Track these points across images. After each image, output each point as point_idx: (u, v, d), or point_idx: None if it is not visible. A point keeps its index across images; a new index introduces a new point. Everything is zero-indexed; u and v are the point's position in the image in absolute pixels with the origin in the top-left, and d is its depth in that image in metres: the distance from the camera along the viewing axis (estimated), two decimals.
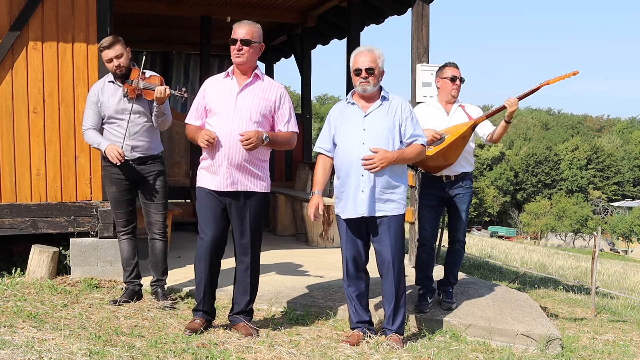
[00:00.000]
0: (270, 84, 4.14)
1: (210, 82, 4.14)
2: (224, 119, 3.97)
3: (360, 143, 3.96)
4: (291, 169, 10.03)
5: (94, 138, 4.75)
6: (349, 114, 4.07)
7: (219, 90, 4.05)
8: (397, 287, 4.02)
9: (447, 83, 4.74)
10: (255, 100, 4.03)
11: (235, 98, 4.00)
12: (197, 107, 4.12)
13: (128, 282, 4.90)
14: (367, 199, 3.95)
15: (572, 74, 4.45)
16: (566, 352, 4.23)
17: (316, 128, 67.77)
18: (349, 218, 4.02)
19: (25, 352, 3.35)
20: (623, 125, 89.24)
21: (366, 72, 3.97)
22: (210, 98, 4.05)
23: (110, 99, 4.69)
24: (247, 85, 4.04)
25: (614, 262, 22.73)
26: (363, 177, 3.95)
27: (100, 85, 4.78)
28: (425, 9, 6.36)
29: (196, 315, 4.13)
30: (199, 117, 4.10)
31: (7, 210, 5.32)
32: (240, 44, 3.97)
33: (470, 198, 4.82)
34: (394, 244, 4.00)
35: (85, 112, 4.80)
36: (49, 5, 5.34)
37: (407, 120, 4.04)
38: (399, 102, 4.08)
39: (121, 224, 4.89)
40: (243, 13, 9.08)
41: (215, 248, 4.07)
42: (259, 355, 3.62)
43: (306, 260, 6.49)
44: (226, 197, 4.02)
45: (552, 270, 11.97)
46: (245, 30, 4.00)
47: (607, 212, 59.37)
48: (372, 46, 4.08)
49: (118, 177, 4.78)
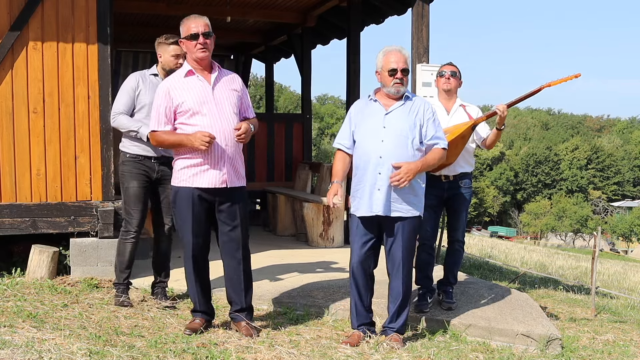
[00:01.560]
0: (230, 75, 4.13)
1: (172, 84, 3.97)
2: (210, 117, 3.90)
3: (379, 140, 3.94)
4: (291, 169, 10.03)
5: (130, 122, 4.64)
6: (370, 111, 4.05)
7: (189, 89, 3.93)
8: (405, 287, 4.01)
9: (438, 79, 4.80)
10: (228, 92, 4.01)
11: (212, 95, 3.94)
12: (164, 111, 3.94)
13: (124, 283, 4.81)
14: (383, 197, 3.92)
15: (574, 76, 4.45)
16: (566, 352, 4.23)
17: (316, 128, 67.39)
18: (363, 216, 4.00)
19: (25, 352, 3.34)
20: (623, 125, 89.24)
21: (402, 72, 3.95)
22: (181, 99, 3.91)
23: (150, 91, 4.65)
24: (217, 80, 3.99)
25: (614, 262, 22.73)
26: (380, 175, 3.93)
27: (141, 75, 4.76)
28: (425, 9, 6.36)
29: (195, 316, 4.13)
30: (169, 121, 3.95)
31: (7, 210, 5.33)
32: (203, 38, 3.92)
33: (469, 198, 4.83)
34: (407, 245, 3.99)
35: (120, 97, 4.69)
36: (49, 5, 5.34)
37: (429, 121, 4.02)
38: (422, 102, 4.07)
39: (135, 223, 4.71)
40: (243, 13, 9.10)
41: (202, 249, 4.04)
42: (259, 355, 3.62)
43: (306, 260, 6.49)
44: (216, 194, 3.96)
45: (552, 270, 11.97)
46: (203, 22, 3.96)
47: (607, 212, 59.36)
48: (400, 46, 4.04)
49: (141, 172, 4.69)
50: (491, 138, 4.71)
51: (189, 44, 3.95)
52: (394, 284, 4.04)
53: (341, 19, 9.31)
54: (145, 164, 4.70)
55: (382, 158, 3.92)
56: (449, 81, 4.73)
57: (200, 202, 3.95)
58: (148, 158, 4.70)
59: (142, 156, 4.70)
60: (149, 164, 4.71)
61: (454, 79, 4.74)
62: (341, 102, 73.79)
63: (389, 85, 3.99)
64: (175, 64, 4.66)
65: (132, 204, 4.71)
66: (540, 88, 4.49)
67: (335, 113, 71.51)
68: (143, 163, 4.69)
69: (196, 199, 3.94)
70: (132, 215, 4.72)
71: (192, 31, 3.92)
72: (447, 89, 4.74)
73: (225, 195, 3.98)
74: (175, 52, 4.66)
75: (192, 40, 3.93)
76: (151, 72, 4.78)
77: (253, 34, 10.96)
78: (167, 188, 4.76)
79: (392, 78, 3.96)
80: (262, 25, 10.27)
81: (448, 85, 4.74)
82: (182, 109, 3.92)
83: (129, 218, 4.74)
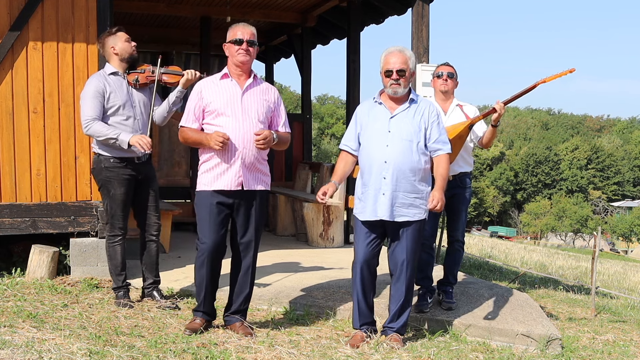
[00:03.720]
0: (267, 86, 4.21)
1: (205, 84, 4.09)
2: (234, 119, 3.97)
3: (384, 145, 3.94)
4: (291, 169, 10.03)
5: (107, 130, 4.49)
6: (376, 114, 4.04)
7: (220, 91, 4.04)
8: (407, 288, 4.02)
9: (435, 80, 4.79)
10: (259, 101, 4.08)
11: (241, 99, 4.02)
12: (193, 109, 4.05)
13: (123, 285, 4.77)
14: (388, 202, 3.92)
15: (568, 71, 4.44)
16: (566, 352, 4.23)
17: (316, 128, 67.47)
18: (367, 220, 4.00)
19: (25, 352, 3.34)
20: (623, 125, 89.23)
21: (397, 73, 3.93)
22: (210, 99, 4.02)
23: (118, 90, 4.60)
24: (250, 87, 4.08)
25: (614, 262, 22.73)
26: (385, 180, 3.93)
27: (101, 77, 4.63)
28: (425, 9, 6.37)
29: (196, 316, 4.12)
30: (197, 119, 4.05)
31: (7, 210, 5.32)
32: (247, 45, 4.01)
33: (469, 198, 4.83)
34: (411, 247, 3.99)
35: (87, 102, 4.52)
36: (49, 5, 5.34)
37: (433, 124, 4.02)
38: (427, 105, 4.06)
39: (120, 226, 4.70)
40: (243, 13, 9.09)
41: (217, 253, 4.05)
42: (259, 355, 3.63)
43: (306, 260, 6.49)
44: (234, 197, 4.01)
45: (552, 270, 11.96)
46: (250, 31, 4.05)
47: (607, 212, 59.35)
48: (403, 47, 4.03)
49: (128, 176, 4.63)
50: (487, 136, 4.70)
51: (232, 47, 4.03)
52: (396, 285, 4.04)
53: (341, 19, 9.31)
54: (130, 167, 4.64)
55: (387, 163, 3.92)
56: (447, 82, 4.73)
57: (218, 205, 4.00)
58: (131, 160, 4.64)
59: (126, 159, 4.62)
60: (133, 166, 4.66)
61: (451, 80, 4.74)
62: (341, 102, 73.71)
63: (387, 86, 4.00)
64: (131, 48, 4.67)
65: (119, 209, 4.67)
66: (535, 85, 4.48)
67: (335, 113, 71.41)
68: (127, 167, 4.63)
69: (214, 201, 3.99)
70: (118, 219, 4.69)
71: (237, 36, 4.01)
72: (445, 90, 4.74)
73: (242, 198, 4.03)
74: (125, 37, 4.68)
75: (235, 44, 4.00)
76: (109, 72, 4.66)
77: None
78: (151, 186, 4.77)
79: (389, 79, 3.97)
80: (262, 25, 10.26)
81: (445, 86, 4.73)
82: (209, 109, 4.01)
83: (114, 222, 4.69)
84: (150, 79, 4.67)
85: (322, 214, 7.54)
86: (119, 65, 4.70)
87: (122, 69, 4.70)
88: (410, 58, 4.01)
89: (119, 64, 4.70)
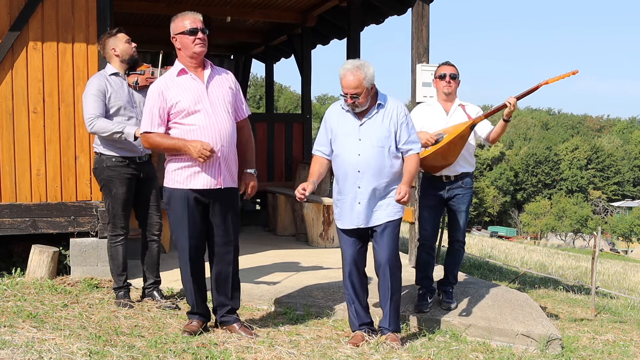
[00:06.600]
0: (222, 71, 4.07)
1: (164, 84, 3.88)
2: (205, 116, 3.83)
3: (356, 154, 3.94)
4: (291, 169, 10.03)
5: (111, 125, 4.47)
6: (345, 121, 4.02)
7: (183, 89, 3.85)
8: (392, 286, 4.01)
9: (438, 81, 4.76)
10: (224, 91, 3.96)
11: (207, 94, 3.88)
12: (158, 112, 3.83)
13: (124, 285, 4.78)
14: (363, 210, 3.96)
15: (571, 73, 4.44)
16: (566, 352, 4.23)
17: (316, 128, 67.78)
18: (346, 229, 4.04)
19: (25, 352, 3.34)
20: (623, 125, 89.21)
21: (351, 98, 3.88)
22: (176, 99, 3.81)
23: (119, 91, 4.61)
24: (210, 78, 3.93)
25: (614, 262, 22.71)
26: (360, 190, 3.95)
27: (102, 77, 4.62)
28: (425, 9, 6.35)
29: (192, 318, 4.10)
30: (162, 123, 3.84)
31: (7, 210, 5.33)
32: (202, 34, 3.86)
33: (470, 198, 4.82)
34: (389, 245, 4.00)
35: (90, 101, 4.50)
36: (49, 5, 5.34)
37: (402, 125, 3.99)
38: (394, 106, 4.01)
39: (122, 226, 4.70)
40: (243, 13, 9.09)
41: (198, 251, 4.00)
42: (259, 355, 3.62)
43: (306, 260, 6.49)
44: (209, 195, 3.91)
45: (552, 270, 11.96)
46: (199, 18, 3.90)
47: (607, 212, 59.35)
48: (359, 63, 3.88)
49: (130, 176, 4.63)
50: (497, 130, 4.66)
51: (187, 39, 3.85)
52: (381, 284, 4.05)
53: (341, 19, 9.31)
54: (132, 166, 4.64)
55: (361, 172, 3.93)
56: (450, 85, 4.70)
57: (196, 204, 3.91)
58: (133, 159, 4.65)
59: (128, 158, 4.63)
60: (135, 165, 4.66)
61: (454, 82, 4.71)
62: None
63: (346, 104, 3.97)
64: (132, 49, 4.67)
65: (120, 209, 4.66)
66: (539, 86, 4.48)
67: None
68: (130, 166, 4.63)
69: (192, 200, 3.89)
70: (120, 218, 4.68)
71: (190, 26, 3.85)
72: (448, 92, 4.73)
73: (219, 196, 3.95)
74: (126, 38, 4.69)
75: (191, 35, 3.84)
76: (110, 73, 4.66)
77: (253, 34, 10.95)
78: (152, 186, 4.76)
79: (345, 100, 3.93)
80: (262, 25, 10.26)
81: (449, 88, 4.71)
82: (176, 109, 3.83)
83: (117, 221, 4.69)
84: (149, 80, 4.66)
85: (322, 214, 7.54)
86: (120, 66, 4.70)
87: (123, 70, 4.71)
88: (366, 77, 3.83)
89: (119, 65, 4.70)
